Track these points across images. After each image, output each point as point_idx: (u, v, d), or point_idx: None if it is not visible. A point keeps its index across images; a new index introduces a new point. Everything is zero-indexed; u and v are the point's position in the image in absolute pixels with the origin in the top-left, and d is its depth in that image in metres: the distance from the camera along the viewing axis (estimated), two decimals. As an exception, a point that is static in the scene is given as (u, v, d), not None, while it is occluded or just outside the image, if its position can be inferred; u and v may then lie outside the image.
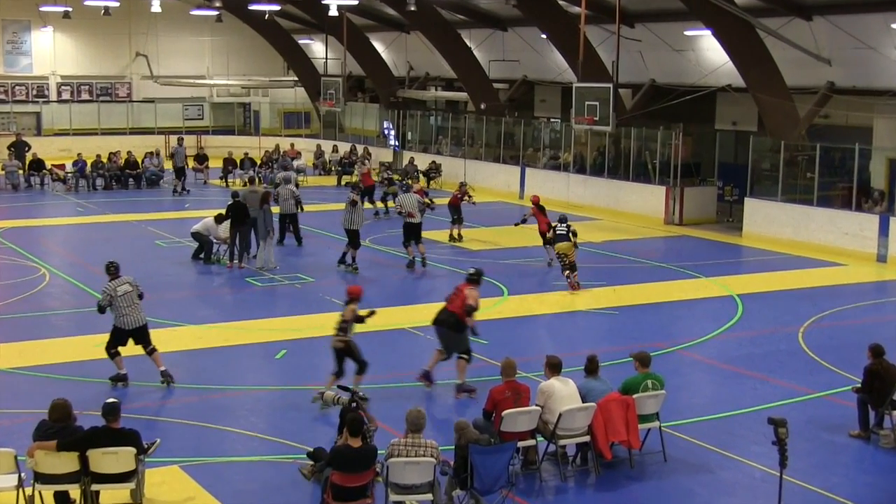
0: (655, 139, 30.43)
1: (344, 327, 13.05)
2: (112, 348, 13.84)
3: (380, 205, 29.69)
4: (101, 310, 13.85)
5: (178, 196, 33.26)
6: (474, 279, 14.05)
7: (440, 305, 14.06)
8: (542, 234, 22.14)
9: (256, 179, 35.08)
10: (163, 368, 13.92)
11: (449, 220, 25.62)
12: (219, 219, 22.44)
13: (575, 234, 20.21)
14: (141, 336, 13.92)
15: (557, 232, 20.30)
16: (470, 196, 26.07)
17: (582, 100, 28.00)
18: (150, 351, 14.00)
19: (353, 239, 21.51)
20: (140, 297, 13.87)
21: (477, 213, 28.82)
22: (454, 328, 13.65)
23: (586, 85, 28.26)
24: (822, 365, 15.43)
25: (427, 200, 23.77)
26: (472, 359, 13.79)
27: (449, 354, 13.80)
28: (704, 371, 15.39)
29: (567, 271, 20.03)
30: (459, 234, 25.51)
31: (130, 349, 13.91)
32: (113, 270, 14.00)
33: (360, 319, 13.27)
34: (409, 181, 25.45)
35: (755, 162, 28.10)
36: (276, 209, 22.78)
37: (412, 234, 22.04)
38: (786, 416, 9.30)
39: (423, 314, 18.00)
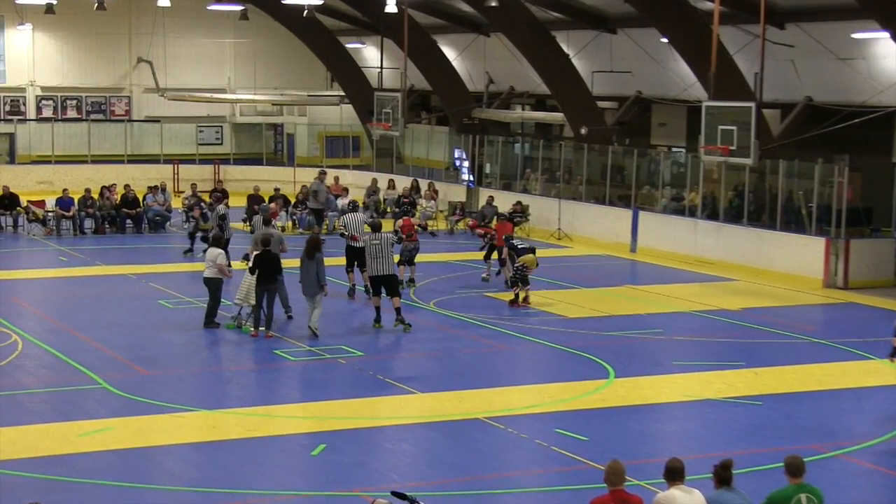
0: (812, 175, 30.21)
1: None
2: None
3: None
4: None
5: None
6: None
7: (533, 387, 14.02)
8: (497, 248, 27.14)
9: (291, 223, 35.96)
10: None
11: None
12: (215, 240, 23.03)
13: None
14: None
15: (520, 246, 25.27)
16: (489, 236, 27.89)
17: (714, 123, 27.96)
18: None
19: (395, 286, 22.97)
20: None
21: (575, 270, 28.82)
22: None
23: (720, 104, 28.24)
24: None
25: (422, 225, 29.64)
26: None
27: None
28: (877, 484, 15.15)
29: (518, 285, 24.81)
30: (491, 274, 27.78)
31: (125, 438, 13.99)
32: None
33: None
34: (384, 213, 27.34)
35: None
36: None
37: (355, 258, 25.21)
38: None
39: (503, 400, 18.08)
